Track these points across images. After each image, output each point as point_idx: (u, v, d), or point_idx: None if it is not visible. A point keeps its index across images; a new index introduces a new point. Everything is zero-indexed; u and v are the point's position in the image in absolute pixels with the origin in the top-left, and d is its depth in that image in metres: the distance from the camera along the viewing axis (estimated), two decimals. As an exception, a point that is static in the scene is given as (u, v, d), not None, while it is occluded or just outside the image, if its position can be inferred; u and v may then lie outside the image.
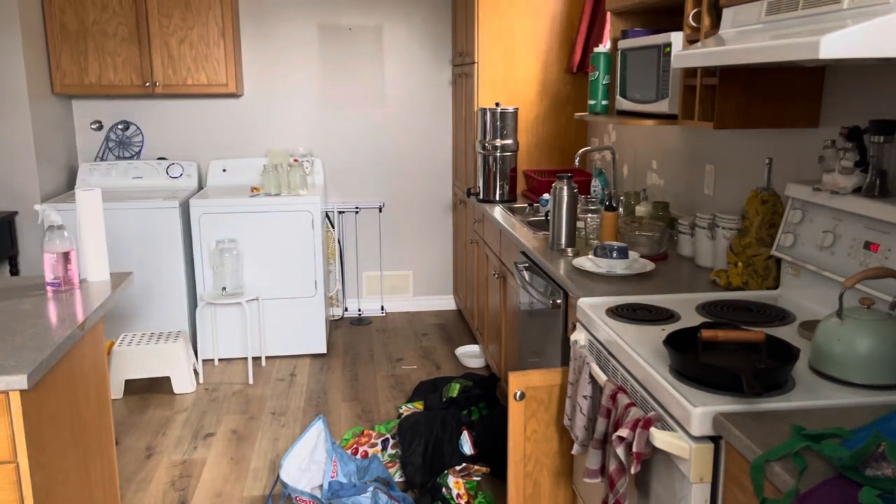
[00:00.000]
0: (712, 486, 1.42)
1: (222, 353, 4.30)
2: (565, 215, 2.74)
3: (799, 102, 2.14)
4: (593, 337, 1.97)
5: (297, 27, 4.78)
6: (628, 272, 2.38)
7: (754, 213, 2.16)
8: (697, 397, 1.44)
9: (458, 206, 4.82)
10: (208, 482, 3.04)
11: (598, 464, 1.77)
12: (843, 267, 1.83)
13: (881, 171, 1.79)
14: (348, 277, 5.16)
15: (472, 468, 2.90)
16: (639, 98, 2.59)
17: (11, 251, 4.12)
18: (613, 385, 1.72)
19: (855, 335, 1.48)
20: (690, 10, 2.23)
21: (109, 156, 4.74)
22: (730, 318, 1.92)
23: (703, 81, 2.18)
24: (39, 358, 1.68)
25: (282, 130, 4.89)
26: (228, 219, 4.16)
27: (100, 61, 4.29)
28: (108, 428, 2.37)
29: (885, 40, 1.32)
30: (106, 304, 2.14)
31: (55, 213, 2.20)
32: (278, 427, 3.50)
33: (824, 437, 1.24)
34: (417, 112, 5.00)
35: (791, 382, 1.50)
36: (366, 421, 3.55)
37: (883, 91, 1.90)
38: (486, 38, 4.08)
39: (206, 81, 4.39)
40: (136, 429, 3.51)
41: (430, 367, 4.23)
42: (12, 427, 1.66)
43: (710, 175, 2.80)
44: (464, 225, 4.60)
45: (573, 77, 4.17)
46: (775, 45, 1.47)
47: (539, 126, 4.20)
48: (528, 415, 2.14)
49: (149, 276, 4.18)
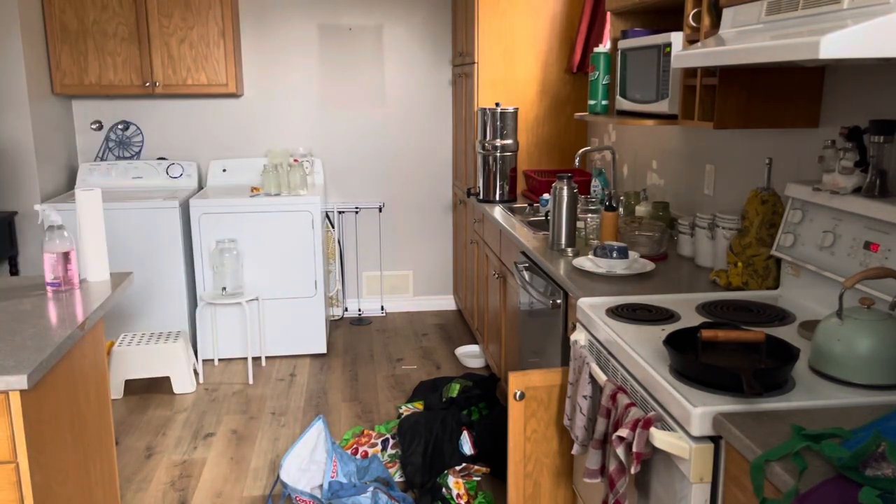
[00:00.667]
0: (712, 486, 1.42)
1: (222, 353, 4.30)
2: (565, 215, 2.74)
3: (799, 102, 2.14)
4: (593, 337, 1.97)
5: (297, 27, 4.78)
6: (628, 272, 2.38)
7: (754, 213, 2.16)
8: (697, 397, 1.44)
9: (458, 206, 4.82)
10: (208, 482, 3.04)
11: (598, 464, 1.77)
12: (843, 267, 1.83)
13: (881, 171, 1.79)
14: (348, 277, 5.16)
15: (472, 468, 2.90)
16: (639, 98, 2.59)
17: (11, 251, 4.12)
18: (613, 385, 1.72)
19: (855, 335, 1.48)
20: (690, 10, 2.23)
21: (109, 156, 4.74)
22: (730, 318, 1.92)
23: (703, 81, 2.18)
24: (39, 358, 1.68)
25: (282, 130, 4.89)
26: (228, 219, 4.16)
27: (100, 61, 4.29)
28: (108, 428, 2.36)
29: (885, 40, 1.32)
30: (106, 304, 2.14)
31: (55, 213, 2.20)
32: (278, 427, 3.50)
33: (824, 437, 1.24)
34: (417, 112, 5.00)
35: (791, 382, 1.50)
36: (366, 421, 3.55)
37: (883, 91, 1.90)
38: (486, 38, 4.08)
39: (206, 81, 4.39)
40: (136, 429, 3.51)
41: (430, 367, 4.23)
42: (12, 427, 1.66)
43: (710, 175, 2.80)
44: (464, 225, 4.60)
45: (573, 77, 4.17)
46: (775, 45, 1.47)
47: (539, 126, 4.20)
48: (528, 415, 2.13)
49: (149, 276, 4.18)
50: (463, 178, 4.63)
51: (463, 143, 4.59)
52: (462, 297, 4.83)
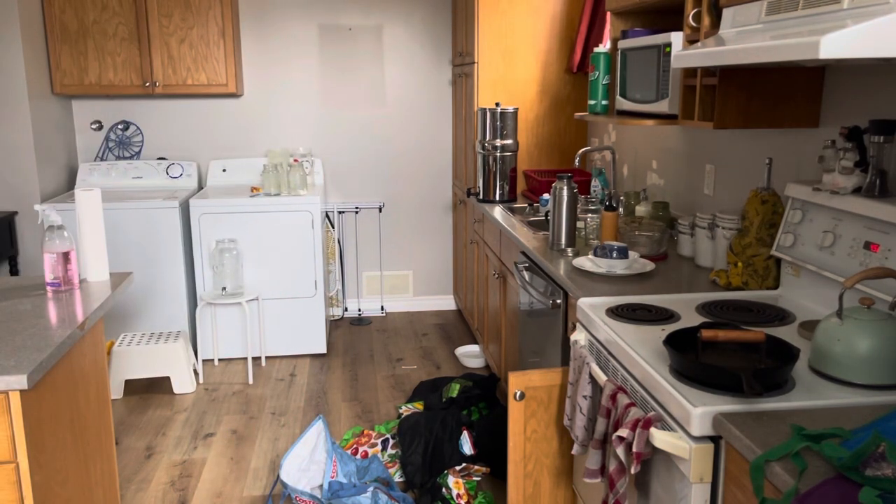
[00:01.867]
0: (712, 486, 1.42)
1: (222, 353, 4.30)
2: (565, 215, 2.74)
3: (799, 102, 2.14)
4: (593, 337, 1.97)
5: (297, 27, 4.78)
6: (628, 272, 2.38)
7: (754, 213, 2.16)
8: (697, 397, 1.44)
9: (458, 206, 4.82)
10: (208, 482, 3.04)
11: (598, 464, 1.77)
12: (843, 267, 1.83)
13: (881, 171, 1.79)
14: (348, 277, 5.16)
15: (472, 468, 2.90)
16: (639, 98, 2.59)
17: (11, 251, 4.12)
18: (613, 385, 1.72)
19: (855, 335, 1.48)
20: (690, 10, 2.23)
21: (109, 156, 4.74)
22: (730, 318, 1.92)
23: (703, 81, 2.18)
24: (39, 358, 1.68)
25: (282, 130, 4.89)
26: (228, 219, 4.16)
27: (100, 61, 4.29)
28: (108, 428, 2.37)
29: (885, 40, 1.32)
30: (106, 304, 2.14)
31: (55, 213, 2.20)
32: (278, 427, 3.50)
33: (824, 437, 1.24)
34: (417, 112, 5.00)
35: (791, 382, 1.50)
36: (366, 421, 3.55)
37: (883, 91, 1.90)
38: (486, 38, 4.08)
39: (206, 81, 4.39)
40: (136, 429, 3.51)
41: (430, 367, 4.23)
42: (12, 427, 1.66)
43: (710, 175, 2.80)
44: (464, 225, 4.60)
45: (573, 77, 4.17)
46: (775, 46, 1.47)
47: (539, 126, 4.20)
48: (528, 415, 2.14)
49: (149, 276, 4.18)
50: (463, 178, 4.63)
51: (463, 142, 4.59)
52: (462, 297, 4.83)
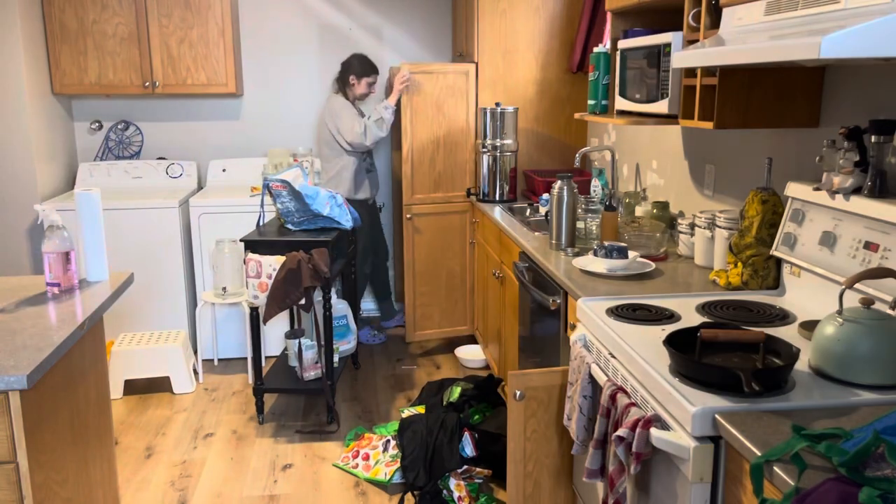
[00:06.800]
0: (712, 486, 1.42)
1: (222, 353, 4.30)
2: (565, 215, 2.74)
3: (799, 102, 2.14)
4: (593, 337, 1.97)
5: (297, 27, 4.78)
6: (628, 272, 2.38)
7: (754, 213, 2.16)
8: (697, 397, 1.44)
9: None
10: (208, 482, 3.03)
11: (598, 464, 1.77)
12: (843, 267, 1.83)
13: (881, 171, 1.79)
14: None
15: (473, 470, 2.90)
16: (639, 98, 2.59)
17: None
18: (613, 385, 1.72)
19: (855, 335, 1.48)
20: (690, 10, 2.23)
21: (109, 156, 4.74)
22: (730, 318, 1.92)
23: (703, 81, 2.18)
24: (39, 358, 1.68)
25: (282, 130, 4.89)
26: (228, 219, 4.16)
27: (99, 61, 4.29)
28: (108, 428, 2.37)
29: (885, 40, 1.32)
30: (106, 304, 2.14)
31: (55, 213, 2.20)
32: (278, 427, 3.50)
33: (824, 437, 1.24)
34: (417, 112, 4.99)
35: (791, 382, 1.50)
36: (366, 421, 3.55)
37: (883, 91, 1.90)
38: (486, 38, 4.08)
39: (206, 81, 4.39)
40: (136, 429, 3.51)
41: (430, 367, 4.23)
42: (12, 427, 1.66)
43: (710, 175, 2.80)
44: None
45: (573, 77, 4.17)
46: (775, 46, 1.47)
47: (539, 126, 4.20)
48: (528, 415, 2.14)
49: (149, 276, 4.18)
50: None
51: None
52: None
